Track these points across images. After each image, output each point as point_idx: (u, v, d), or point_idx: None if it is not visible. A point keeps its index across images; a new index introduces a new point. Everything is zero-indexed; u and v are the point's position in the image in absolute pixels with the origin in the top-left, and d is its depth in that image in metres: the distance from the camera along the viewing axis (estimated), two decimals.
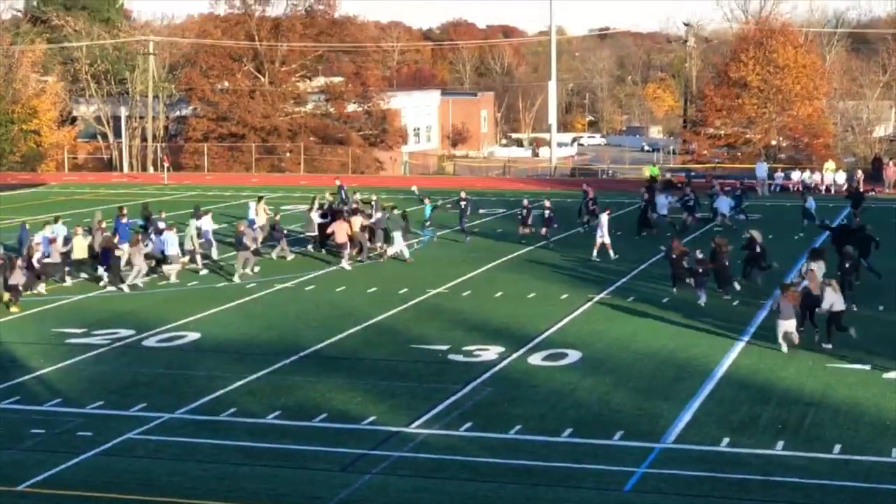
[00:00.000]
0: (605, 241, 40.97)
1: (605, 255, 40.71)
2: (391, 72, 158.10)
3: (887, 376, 25.05)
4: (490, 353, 27.60)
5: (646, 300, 33.61)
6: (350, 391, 24.36)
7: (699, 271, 33.38)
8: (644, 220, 47.72)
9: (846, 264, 32.14)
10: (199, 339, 29.65)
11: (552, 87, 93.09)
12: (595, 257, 40.63)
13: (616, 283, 36.21)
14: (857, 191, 54.89)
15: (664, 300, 33.53)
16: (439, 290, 35.92)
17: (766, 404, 23.07)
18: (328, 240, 41.85)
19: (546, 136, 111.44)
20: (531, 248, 43.83)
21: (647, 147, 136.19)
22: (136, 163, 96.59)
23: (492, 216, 54.17)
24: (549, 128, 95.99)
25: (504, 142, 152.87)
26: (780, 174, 69.99)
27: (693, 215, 48.18)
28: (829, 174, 68.06)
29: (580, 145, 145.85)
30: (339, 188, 51.75)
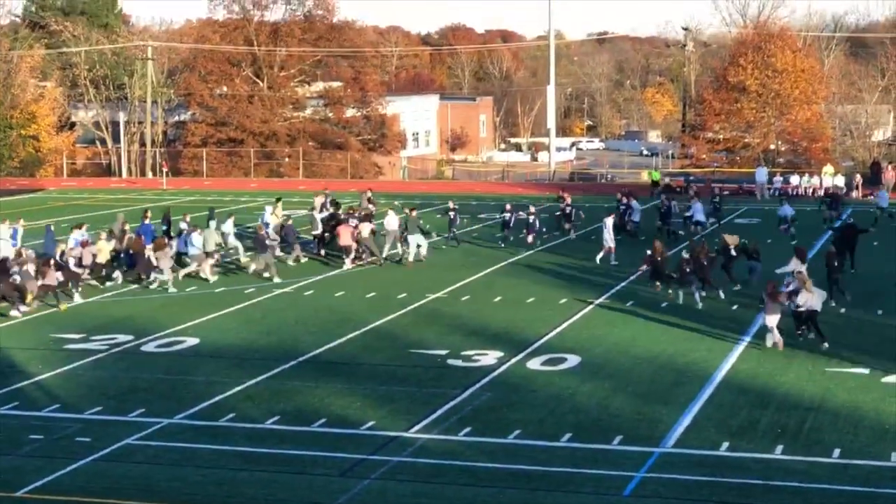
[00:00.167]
0: (611, 245, 40.86)
1: (606, 259, 40.64)
2: (390, 76, 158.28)
3: (886, 380, 25.04)
4: (489, 357, 27.58)
5: (645, 304, 33.60)
6: (349, 396, 24.34)
7: (686, 271, 33.54)
8: (622, 224, 46.61)
9: (834, 263, 32.72)
10: (197, 345, 29.63)
11: (551, 91, 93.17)
12: (600, 261, 40.48)
13: (615, 288, 36.20)
14: (834, 194, 54.80)
15: (663, 304, 33.52)
16: (438, 294, 35.90)
17: (766, 408, 23.05)
18: (328, 242, 42.02)
19: (545, 140, 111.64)
20: (530, 252, 43.81)
21: (645, 151, 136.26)
22: (135, 168, 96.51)
23: (491, 221, 54.11)
24: (547, 132, 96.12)
25: (503, 146, 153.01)
26: (778, 178, 69.99)
27: (666, 222, 47.46)
28: (828, 178, 68.07)
29: (579, 150, 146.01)
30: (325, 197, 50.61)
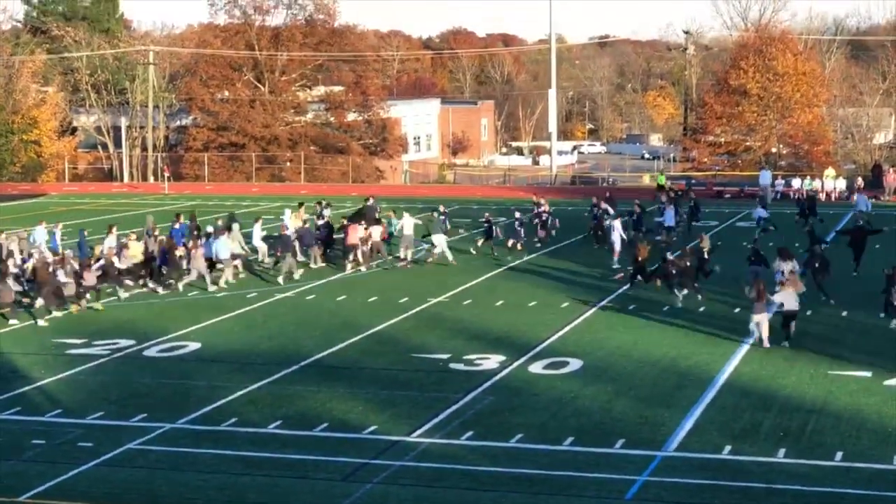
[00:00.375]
0: (618, 248, 40.83)
1: (622, 261, 40.42)
2: (391, 81, 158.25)
3: (889, 383, 25.02)
4: (491, 361, 27.57)
5: (647, 308, 33.59)
6: (351, 400, 24.33)
7: (671, 272, 33.89)
8: (597, 230, 46.17)
9: (816, 264, 33.50)
10: (199, 349, 29.63)
11: (552, 95, 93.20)
12: (616, 264, 40.42)
13: (617, 291, 36.18)
14: (811, 197, 54.51)
15: (665, 308, 33.49)
16: (440, 298, 35.90)
17: (768, 412, 23.04)
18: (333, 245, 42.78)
19: (546, 144, 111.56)
20: (531, 256, 43.80)
21: (647, 155, 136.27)
22: (137, 173, 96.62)
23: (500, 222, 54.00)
24: (549, 136, 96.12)
25: (504, 150, 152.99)
26: (780, 182, 70.00)
27: (639, 229, 45.88)
28: (830, 181, 68.09)
29: (580, 153, 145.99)
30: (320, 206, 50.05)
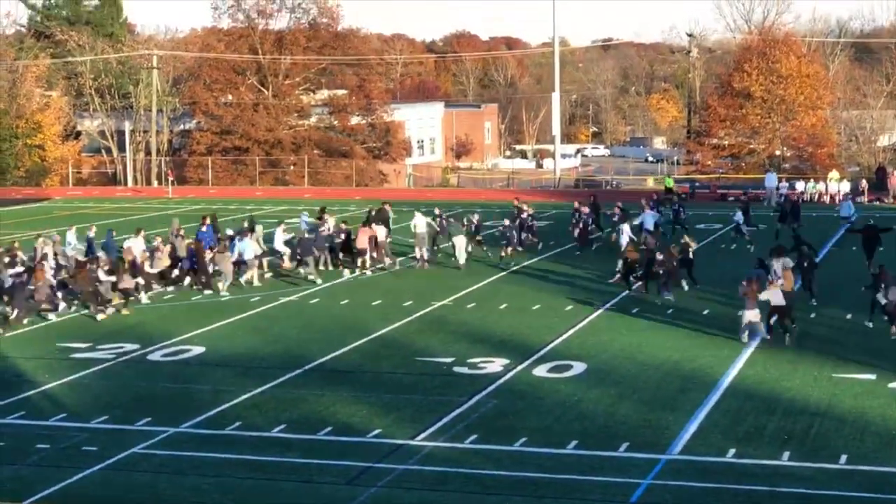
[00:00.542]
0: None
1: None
2: (395, 84, 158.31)
3: (893, 385, 24.99)
4: (495, 365, 27.56)
5: (650, 311, 33.57)
6: (355, 404, 24.34)
7: (659, 272, 34.35)
8: (584, 234, 46.01)
9: (804, 263, 34.14)
10: (203, 353, 29.65)
11: (556, 98, 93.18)
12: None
13: (621, 295, 36.14)
14: (794, 202, 53.89)
15: (668, 311, 33.49)
16: (444, 302, 35.89)
17: (772, 415, 23.03)
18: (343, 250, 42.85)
19: (550, 147, 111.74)
20: (535, 259, 43.77)
21: (651, 158, 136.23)
22: (141, 177, 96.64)
23: (496, 228, 54.02)
24: (552, 139, 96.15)
25: (508, 153, 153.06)
26: (784, 184, 69.90)
27: (613, 235, 45.08)
28: (834, 184, 68.02)
29: (584, 156, 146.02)
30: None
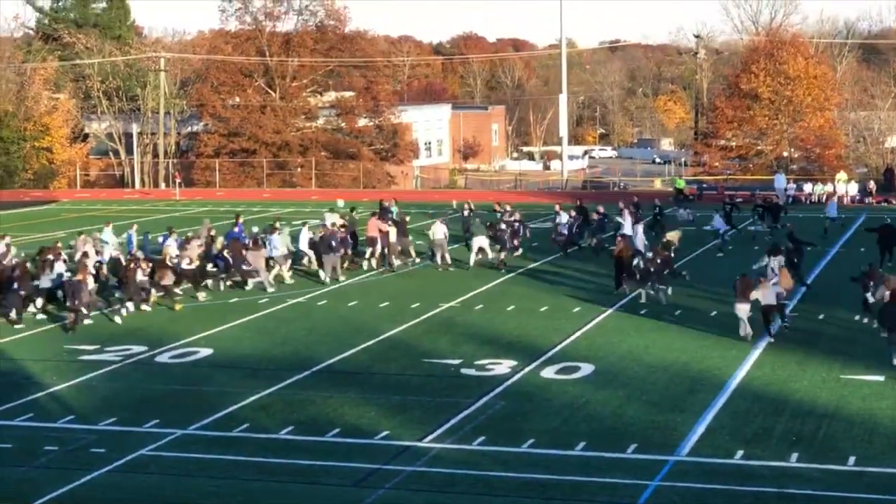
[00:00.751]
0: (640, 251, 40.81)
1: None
2: (402, 86, 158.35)
3: None
4: (503, 366, 27.56)
5: (658, 313, 33.54)
6: (363, 406, 24.35)
7: (650, 270, 34.63)
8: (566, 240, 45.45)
9: (793, 260, 34.75)
10: (211, 355, 29.66)
11: (563, 99, 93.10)
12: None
13: (628, 296, 36.11)
14: (775, 203, 53.40)
15: (676, 312, 33.46)
16: (451, 304, 35.89)
17: (780, 416, 23.00)
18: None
19: (557, 149, 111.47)
20: (542, 262, 43.73)
21: (658, 159, 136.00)
22: (148, 179, 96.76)
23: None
24: (560, 141, 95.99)
25: (515, 155, 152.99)
26: (792, 185, 69.88)
27: (597, 236, 45.47)
28: (842, 185, 67.98)
29: (591, 158, 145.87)
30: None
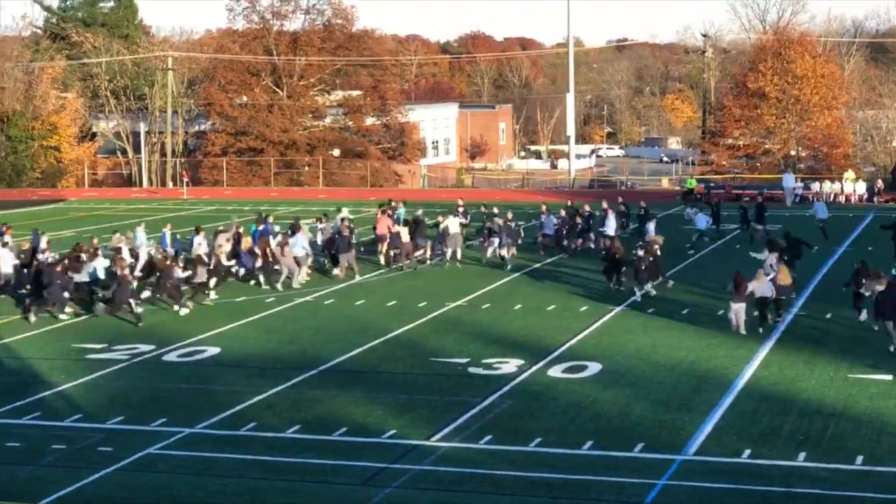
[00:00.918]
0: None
1: None
2: (409, 85, 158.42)
3: None
4: (510, 365, 27.55)
5: (665, 312, 33.52)
6: (370, 405, 24.35)
7: (642, 267, 35.10)
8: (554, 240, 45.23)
9: (786, 258, 35.40)
10: (218, 354, 29.68)
11: (570, 98, 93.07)
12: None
13: (635, 295, 36.07)
14: (759, 203, 52.45)
15: (684, 312, 33.44)
16: (458, 302, 35.88)
17: (788, 415, 22.98)
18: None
19: (564, 147, 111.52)
20: (549, 260, 43.71)
21: (665, 158, 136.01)
22: (156, 178, 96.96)
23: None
24: (567, 140, 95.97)
25: (522, 154, 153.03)
26: (799, 184, 69.81)
27: (576, 241, 44.92)
28: (849, 184, 67.90)
29: (599, 157, 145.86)
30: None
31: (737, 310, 30.19)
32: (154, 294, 36.03)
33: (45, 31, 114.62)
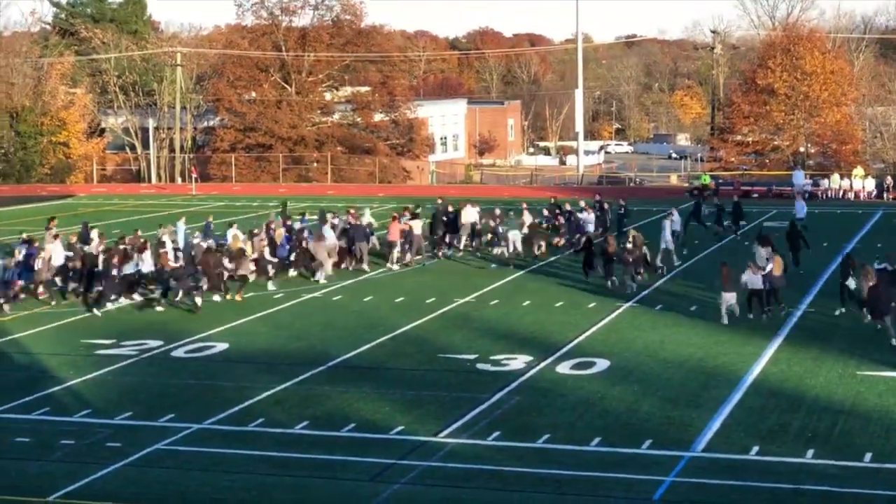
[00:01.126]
0: (669, 247, 40.75)
1: (668, 260, 40.51)
2: (418, 81, 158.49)
3: None
4: (518, 361, 27.55)
5: (673, 308, 33.51)
6: (378, 401, 24.37)
7: (629, 260, 35.83)
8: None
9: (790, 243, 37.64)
10: (227, 350, 29.73)
11: (579, 95, 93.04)
12: (659, 263, 39.83)
13: (644, 292, 36.08)
14: (736, 202, 51.70)
15: (692, 308, 33.42)
16: (466, 299, 35.89)
17: (796, 412, 22.95)
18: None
19: (573, 144, 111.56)
20: (557, 256, 43.70)
21: (674, 155, 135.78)
22: (165, 174, 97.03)
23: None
24: (576, 136, 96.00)
25: (531, 150, 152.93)
26: (808, 181, 69.67)
27: (565, 236, 44.77)
28: (858, 181, 67.74)
29: (607, 153, 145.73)
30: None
31: (727, 300, 31.21)
32: (194, 285, 35.48)
33: (54, 27, 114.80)
